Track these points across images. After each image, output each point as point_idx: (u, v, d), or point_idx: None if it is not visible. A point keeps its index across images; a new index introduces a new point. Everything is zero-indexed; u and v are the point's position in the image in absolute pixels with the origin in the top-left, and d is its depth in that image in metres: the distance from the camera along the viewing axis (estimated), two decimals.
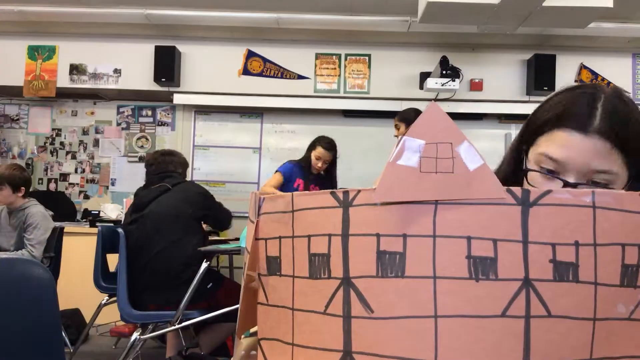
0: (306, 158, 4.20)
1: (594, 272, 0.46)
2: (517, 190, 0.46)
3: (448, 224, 0.46)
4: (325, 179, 4.19)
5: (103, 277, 3.85)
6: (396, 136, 3.91)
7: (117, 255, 3.34)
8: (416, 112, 3.88)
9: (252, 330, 0.59)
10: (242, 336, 0.59)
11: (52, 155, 6.20)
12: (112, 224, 4.76)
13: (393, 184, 0.46)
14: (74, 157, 6.16)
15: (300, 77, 5.77)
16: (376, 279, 0.46)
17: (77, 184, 6.13)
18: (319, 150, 4.12)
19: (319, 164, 4.12)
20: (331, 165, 4.21)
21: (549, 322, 0.46)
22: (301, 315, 0.51)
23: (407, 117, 3.82)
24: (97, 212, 5.59)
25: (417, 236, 0.46)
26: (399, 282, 0.46)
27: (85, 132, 6.16)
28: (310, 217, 0.50)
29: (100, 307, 3.97)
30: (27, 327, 0.88)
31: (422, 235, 0.46)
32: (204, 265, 3.12)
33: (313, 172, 4.16)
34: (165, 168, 3.66)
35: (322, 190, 0.49)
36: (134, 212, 3.48)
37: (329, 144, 4.14)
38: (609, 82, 5.68)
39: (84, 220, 5.57)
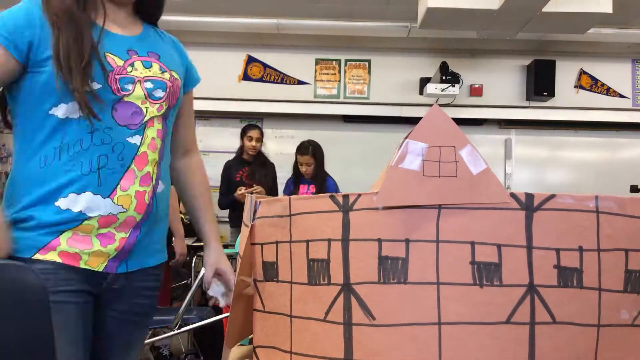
0: (294, 168, 4.45)
1: (597, 277, 0.46)
2: (520, 194, 0.45)
3: (452, 228, 0.45)
4: (315, 179, 4.29)
5: None
6: None
7: None
8: None
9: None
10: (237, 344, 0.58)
11: None
12: None
13: (395, 188, 0.45)
14: None
15: (300, 82, 5.77)
16: (378, 285, 0.45)
17: None
18: (298, 158, 4.33)
19: (304, 169, 4.31)
20: (318, 167, 4.27)
21: (553, 329, 0.45)
22: (300, 322, 0.50)
23: None
24: None
25: (420, 241, 0.45)
26: (401, 288, 0.45)
27: None
28: (309, 222, 0.49)
29: None
30: (17, 336, 0.86)
31: (425, 240, 0.45)
32: (204, 269, 3.10)
33: (306, 178, 4.30)
34: None
35: (321, 194, 0.48)
36: None
37: (302, 148, 4.33)
38: (609, 88, 5.68)
39: None
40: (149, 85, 1.21)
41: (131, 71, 1.19)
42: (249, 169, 4.44)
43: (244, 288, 0.56)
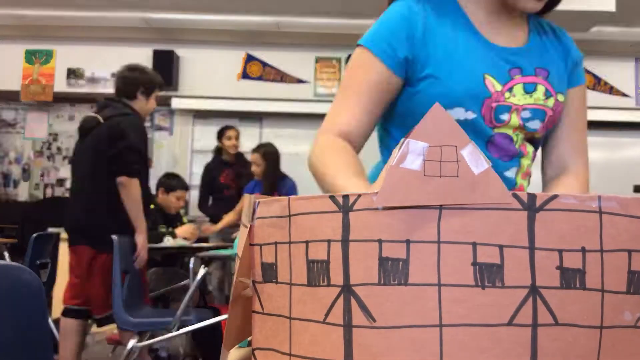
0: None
1: (600, 279, 0.45)
2: (523, 195, 0.45)
3: (453, 229, 0.44)
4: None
5: None
6: None
7: None
8: None
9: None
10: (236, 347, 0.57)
11: (49, 161, 6.19)
12: None
13: (395, 188, 0.45)
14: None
15: (299, 81, 5.77)
16: (378, 287, 0.45)
17: None
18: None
19: (253, 167, 4.41)
20: (266, 168, 4.32)
21: (556, 331, 0.44)
22: (299, 324, 0.49)
23: None
24: None
25: (421, 242, 0.44)
26: (402, 289, 0.44)
27: None
28: (308, 222, 0.49)
29: None
30: (14, 336, 0.86)
31: (426, 241, 0.44)
32: (202, 271, 3.11)
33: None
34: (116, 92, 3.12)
35: (321, 194, 0.48)
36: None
37: (254, 148, 4.47)
38: (612, 87, 5.68)
39: None
40: (526, 114, 1.05)
41: (509, 97, 1.02)
42: (234, 170, 4.50)
43: (242, 289, 0.56)
